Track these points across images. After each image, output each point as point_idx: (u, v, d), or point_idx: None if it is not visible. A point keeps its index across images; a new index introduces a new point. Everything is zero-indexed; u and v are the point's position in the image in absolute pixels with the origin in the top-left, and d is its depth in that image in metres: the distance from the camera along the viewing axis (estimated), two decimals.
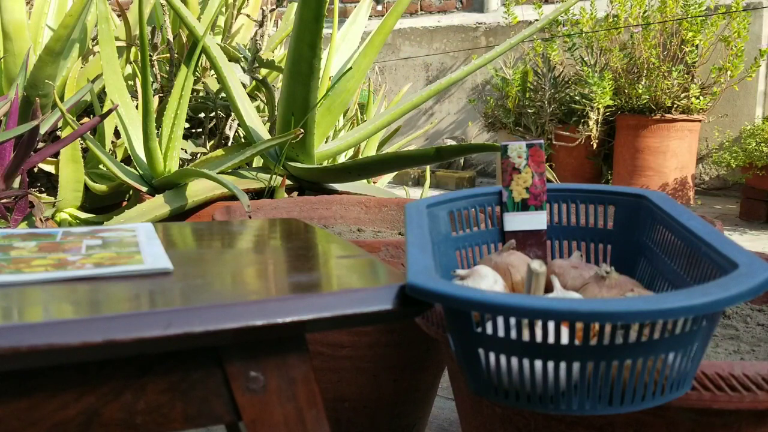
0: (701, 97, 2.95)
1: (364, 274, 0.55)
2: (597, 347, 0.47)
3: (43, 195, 1.64)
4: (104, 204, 1.71)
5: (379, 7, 4.50)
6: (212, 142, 1.81)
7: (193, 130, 1.85)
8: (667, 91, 2.92)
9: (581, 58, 3.18)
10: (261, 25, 1.80)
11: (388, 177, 2.06)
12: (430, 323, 0.62)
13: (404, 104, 1.61)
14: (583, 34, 3.17)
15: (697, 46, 2.97)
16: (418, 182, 3.87)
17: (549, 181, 0.75)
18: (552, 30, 3.35)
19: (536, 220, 0.73)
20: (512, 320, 0.48)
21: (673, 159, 3.00)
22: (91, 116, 1.78)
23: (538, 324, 0.47)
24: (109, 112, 1.41)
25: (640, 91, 2.94)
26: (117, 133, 1.73)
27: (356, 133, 1.65)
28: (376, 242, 0.85)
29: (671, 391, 0.50)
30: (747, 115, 3.21)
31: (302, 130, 1.38)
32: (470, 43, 4.10)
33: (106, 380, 0.45)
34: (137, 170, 1.59)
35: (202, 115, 1.84)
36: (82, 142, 1.57)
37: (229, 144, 1.80)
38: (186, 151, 1.70)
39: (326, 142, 1.79)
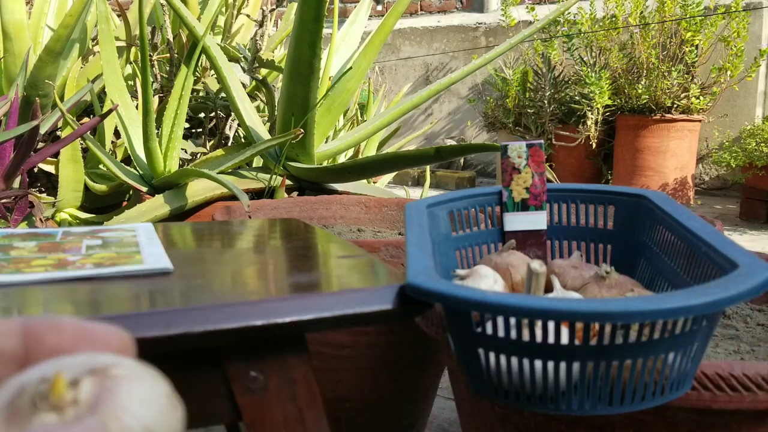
0: (701, 97, 2.95)
1: (364, 274, 0.55)
2: (597, 347, 0.47)
3: (43, 195, 1.64)
4: (104, 204, 1.71)
5: (379, 7, 4.50)
6: (212, 142, 1.81)
7: (193, 130, 1.85)
8: (667, 91, 2.92)
9: (580, 58, 3.18)
10: (261, 25, 1.80)
11: (388, 177, 2.06)
12: (430, 323, 0.62)
13: (404, 104, 1.61)
14: (582, 35, 3.17)
15: (696, 46, 2.97)
16: (418, 182, 3.87)
17: (549, 181, 0.75)
18: (551, 30, 3.35)
19: (536, 220, 0.73)
20: (512, 320, 0.48)
21: (673, 159, 3.00)
22: (91, 116, 1.78)
23: (538, 324, 0.47)
24: (109, 112, 1.41)
25: (639, 91, 2.94)
26: (117, 133, 1.73)
27: (356, 133, 1.65)
28: (376, 242, 0.85)
29: (671, 391, 0.50)
30: (747, 115, 3.21)
31: (302, 130, 1.38)
32: (470, 43, 4.10)
33: None
34: (137, 170, 1.59)
35: (202, 115, 1.84)
36: (82, 142, 1.57)
37: (229, 144, 1.80)
38: (186, 151, 1.70)
39: (326, 142, 1.79)
